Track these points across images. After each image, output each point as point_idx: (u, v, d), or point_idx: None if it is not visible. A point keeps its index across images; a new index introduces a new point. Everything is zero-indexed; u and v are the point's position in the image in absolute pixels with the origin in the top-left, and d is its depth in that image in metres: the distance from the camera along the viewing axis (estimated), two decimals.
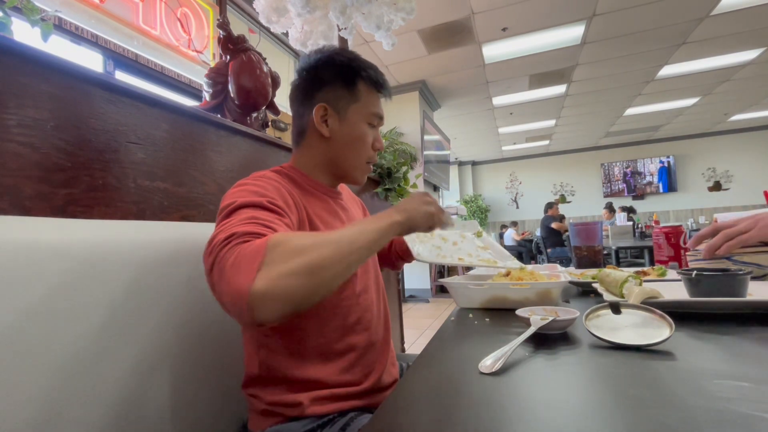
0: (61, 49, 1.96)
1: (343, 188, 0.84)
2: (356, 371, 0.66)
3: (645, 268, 1.00)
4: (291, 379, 0.61)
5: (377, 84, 0.71)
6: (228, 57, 1.26)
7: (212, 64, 1.77)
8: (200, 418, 0.65)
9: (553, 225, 5.42)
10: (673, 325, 0.48)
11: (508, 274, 0.84)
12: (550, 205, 5.70)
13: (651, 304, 0.56)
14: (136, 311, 0.56)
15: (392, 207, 0.58)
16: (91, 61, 2.14)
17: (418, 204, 0.60)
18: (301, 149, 0.72)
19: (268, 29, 2.04)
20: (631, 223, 4.66)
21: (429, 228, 0.63)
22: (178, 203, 0.91)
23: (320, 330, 0.63)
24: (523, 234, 7.48)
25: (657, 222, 4.69)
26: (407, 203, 0.60)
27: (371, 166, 0.74)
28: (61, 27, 1.92)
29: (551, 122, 6.82)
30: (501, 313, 0.71)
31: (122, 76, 2.28)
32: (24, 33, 0.80)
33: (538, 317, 0.55)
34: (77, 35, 2.02)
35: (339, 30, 1.79)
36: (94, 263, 0.52)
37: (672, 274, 0.91)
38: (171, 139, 0.91)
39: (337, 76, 0.69)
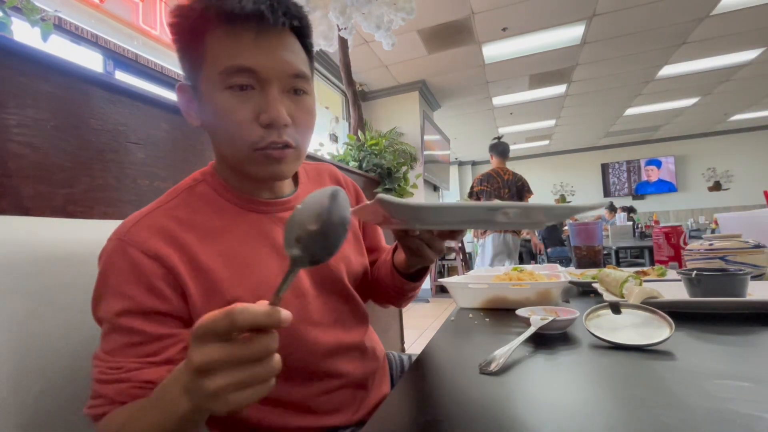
0: (61, 49, 1.96)
1: (318, 175, 0.64)
2: (321, 415, 0.53)
3: (645, 268, 1.00)
4: (240, 428, 0.51)
5: (228, 16, 0.43)
6: None
7: None
8: None
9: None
10: (673, 325, 0.48)
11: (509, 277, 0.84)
12: None
13: (651, 304, 0.56)
14: None
15: (183, 366, 0.32)
16: (91, 61, 2.14)
17: (198, 397, 0.30)
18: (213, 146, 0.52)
19: None
20: (631, 223, 4.66)
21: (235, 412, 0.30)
22: None
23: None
24: (521, 234, 7.46)
25: (657, 222, 4.70)
26: (184, 384, 0.32)
27: (275, 152, 0.46)
28: (61, 27, 1.92)
29: (551, 122, 6.82)
30: (501, 313, 0.71)
31: (122, 76, 2.28)
32: (24, 33, 0.80)
33: (538, 317, 0.55)
34: (77, 35, 2.02)
35: (339, 30, 1.79)
36: (93, 263, 0.52)
37: (672, 274, 0.91)
38: (171, 139, 0.91)
39: (178, 35, 0.46)
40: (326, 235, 0.32)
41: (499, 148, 3.47)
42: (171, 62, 2.53)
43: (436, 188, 5.90)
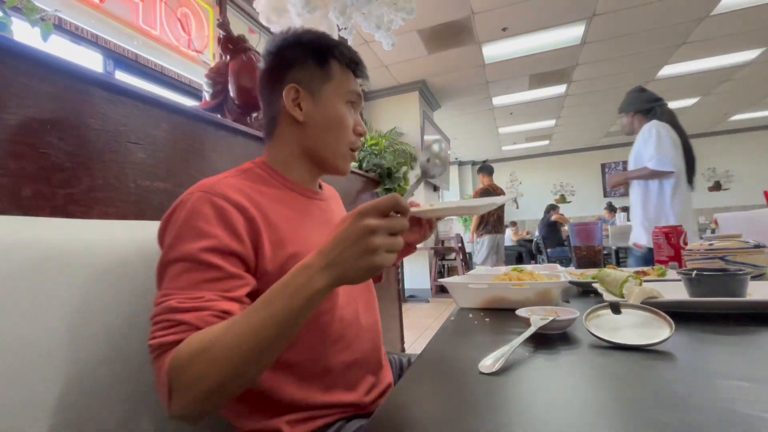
0: (61, 49, 1.96)
1: (330, 189, 0.78)
2: (337, 392, 0.58)
3: (645, 268, 1.00)
4: (267, 404, 0.54)
5: (351, 62, 0.64)
6: (228, 57, 1.26)
7: (212, 64, 1.77)
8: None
9: (554, 217, 5.48)
10: (673, 325, 0.48)
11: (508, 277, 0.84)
12: (552, 207, 5.72)
13: (651, 304, 0.56)
14: (136, 310, 0.56)
15: (317, 254, 0.41)
16: (91, 61, 2.14)
17: (357, 251, 0.39)
18: (274, 142, 0.64)
19: (268, 29, 2.04)
20: (631, 223, 4.66)
21: (373, 275, 0.42)
22: None
23: (294, 350, 0.55)
24: (520, 234, 7.47)
25: None
26: (340, 251, 0.40)
27: (355, 154, 0.66)
28: (61, 27, 1.92)
29: (551, 122, 6.82)
30: (501, 313, 0.71)
31: (122, 76, 2.28)
32: (24, 33, 0.80)
33: (538, 317, 0.55)
34: (77, 35, 2.02)
35: (339, 30, 1.79)
36: (94, 263, 0.52)
37: (672, 274, 0.91)
38: (171, 139, 0.91)
39: (307, 54, 0.62)
40: (437, 163, 0.59)
41: (489, 170, 4.34)
42: (171, 62, 2.53)
43: (436, 188, 5.90)
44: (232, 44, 1.25)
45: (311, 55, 0.62)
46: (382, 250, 0.40)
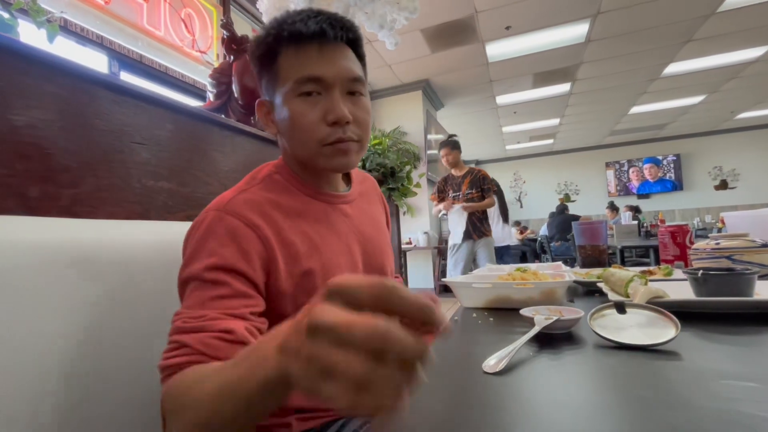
0: (66, 50, 1.98)
1: (364, 181, 0.72)
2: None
3: (651, 268, 0.99)
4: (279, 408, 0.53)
5: (294, 37, 0.53)
6: (231, 57, 1.26)
7: (216, 65, 1.77)
8: None
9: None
10: (679, 325, 0.47)
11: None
12: (565, 206, 5.75)
13: (656, 304, 0.56)
14: (141, 310, 0.57)
15: (291, 325, 0.25)
16: (97, 62, 2.16)
17: (306, 369, 0.22)
18: (281, 149, 0.63)
19: None
20: (636, 222, 4.63)
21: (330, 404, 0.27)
22: (183, 203, 0.91)
23: None
24: (523, 233, 7.44)
25: (662, 221, 4.66)
26: (297, 346, 0.23)
27: (342, 145, 0.55)
28: (67, 28, 1.94)
29: (555, 121, 6.78)
30: (505, 313, 0.71)
31: (127, 77, 2.29)
32: (30, 34, 0.81)
33: (542, 317, 0.55)
34: (83, 36, 2.03)
35: None
36: (98, 263, 0.53)
37: (678, 273, 0.90)
38: (175, 140, 0.92)
39: (259, 60, 0.57)
40: None
41: (455, 144, 3.13)
42: (175, 63, 2.55)
43: None
44: (236, 44, 1.25)
45: (259, 62, 0.57)
46: (356, 381, 0.20)
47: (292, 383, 0.23)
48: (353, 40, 0.57)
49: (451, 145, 3.04)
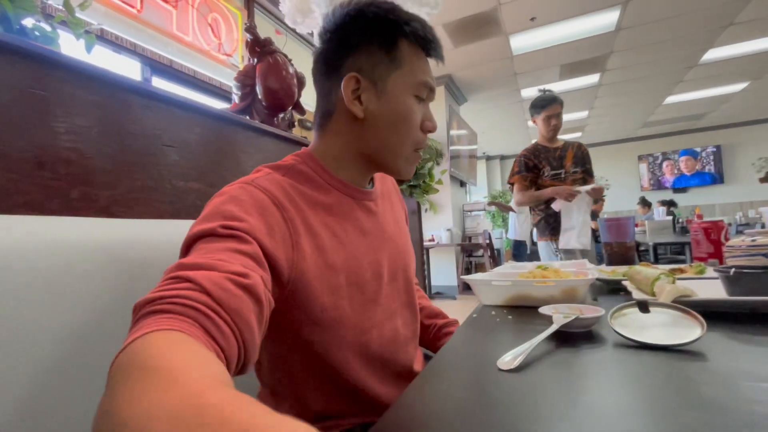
0: (103, 58, 2.09)
1: (384, 180, 0.70)
2: (368, 406, 0.55)
3: (682, 266, 0.95)
4: (295, 413, 0.49)
5: (425, 42, 0.54)
6: (255, 60, 1.30)
7: (241, 67, 1.83)
8: None
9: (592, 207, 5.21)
10: (705, 325, 0.46)
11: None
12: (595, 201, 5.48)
13: (682, 303, 0.54)
14: None
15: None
16: (130, 68, 2.27)
17: None
18: (325, 134, 0.57)
19: (294, 30, 2.08)
20: (670, 217, 4.42)
21: None
22: None
23: (327, 365, 0.52)
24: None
25: (700, 216, 4.42)
26: None
27: (420, 154, 0.57)
28: (103, 38, 2.05)
29: (584, 114, 6.55)
30: (524, 311, 0.71)
31: (158, 82, 2.39)
32: (70, 45, 0.87)
33: (560, 315, 0.55)
34: (118, 45, 2.14)
35: None
36: (135, 260, 0.56)
37: (711, 272, 0.86)
38: (203, 141, 0.96)
39: (372, 35, 0.52)
40: None
41: (547, 100, 2.24)
42: (203, 66, 2.64)
43: (462, 184, 5.82)
44: (259, 47, 1.29)
45: (376, 36, 0.52)
46: None
47: None
48: None
49: (562, 103, 2.13)
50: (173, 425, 0.19)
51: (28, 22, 0.75)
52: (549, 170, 2.09)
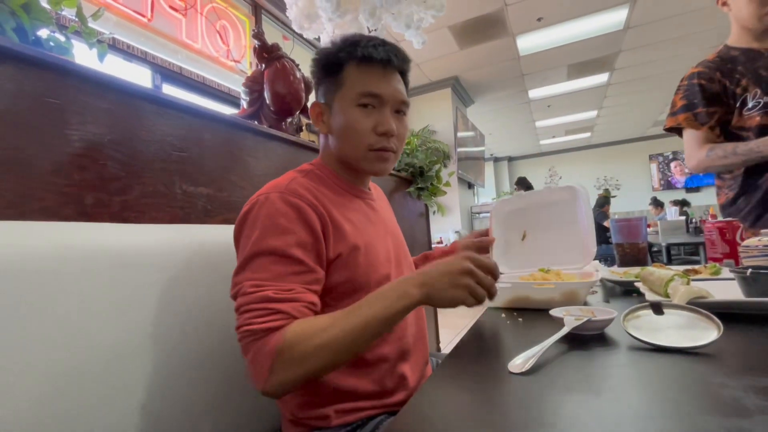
0: (114, 66, 2.13)
1: (375, 187, 0.81)
2: (387, 382, 0.62)
3: (697, 267, 0.93)
4: (319, 390, 0.59)
5: (365, 58, 0.63)
6: (263, 65, 1.31)
7: (249, 73, 1.85)
8: (237, 418, 0.68)
9: (605, 223, 5.12)
10: (722, 327, 0.45)
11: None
12: (606, 200, 5.38)
13: (697, 305, 0.53)
14: (185, 309, 0.61)
15: (418, 272, 0.52)
16: (141, 75, 2.31)
17: (449, 282, 0.49)
18: (322, 149, 0.71)
19: (301, 35, 2.10)
20: (684, 217, 4.34)
21: (453, 306, 0.50)
22: (221, 207, 0.96)
23: None
24: None
25: (714, 216, 4.34)
26: (436, 277, 0.50)
27: (384, 153, 0.65)
28: (115, 46, 2.09)
29: (593, 113, 6.49)
30: (535, 313, 0.70)
31: (168, 89, 2.43)
32: (83, 54, 0.88)
33: (572, 317, 0.54)
34: (129, 53, 2.18)
35: (369, 32, 1.81)
36: (148, 264, 0.57)
37: (726, 272, 0.84)
38: (212, 147, 0.97)
39: (323, 69, 0.66)
40: None
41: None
42: (212, 72, 2.67)
43: (470, 186, 5.80)
44: (267, 53, 1.30)
45: (323, 70, 0.66)
46: (468, 290, 0.49)
47: (426, 303, 0.50)
48: (406, 71, 0.69)
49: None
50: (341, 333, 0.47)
51: (43, 32, 0.77)
52: (761, 94, 1.10)
